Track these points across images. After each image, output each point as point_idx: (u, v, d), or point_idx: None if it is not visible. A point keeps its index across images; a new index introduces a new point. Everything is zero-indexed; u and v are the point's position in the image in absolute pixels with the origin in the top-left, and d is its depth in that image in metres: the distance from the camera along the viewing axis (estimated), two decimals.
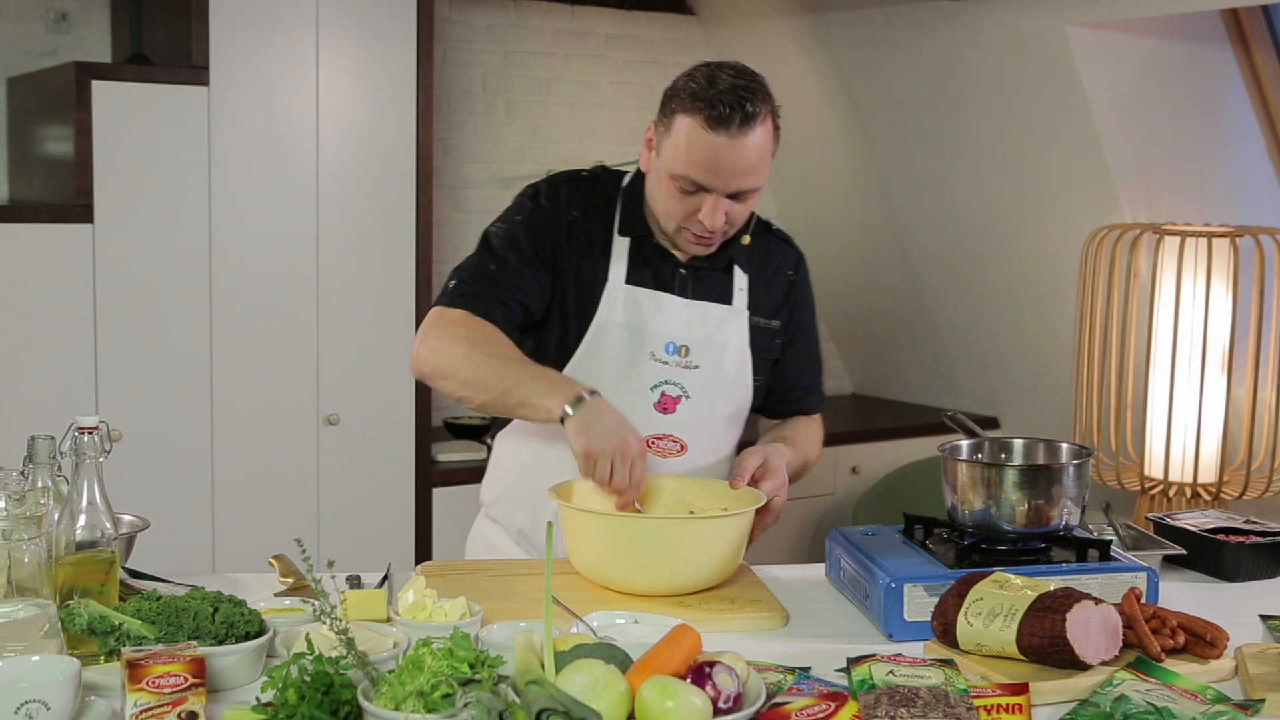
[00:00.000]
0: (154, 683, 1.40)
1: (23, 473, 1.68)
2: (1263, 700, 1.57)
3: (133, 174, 3.51)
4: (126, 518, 1.96)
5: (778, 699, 1.52)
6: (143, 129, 3.51)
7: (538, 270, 2.12)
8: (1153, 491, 3.86)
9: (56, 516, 1.66)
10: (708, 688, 1.40)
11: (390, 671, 1.41)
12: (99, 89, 3.45)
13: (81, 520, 1.66)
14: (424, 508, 3.96)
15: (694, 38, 4.91)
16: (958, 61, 4.19)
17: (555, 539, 1.73)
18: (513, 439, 2.27)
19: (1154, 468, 3.88)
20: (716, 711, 1.40)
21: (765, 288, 2.25)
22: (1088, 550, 1.91)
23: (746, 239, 2.20)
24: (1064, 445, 2.04)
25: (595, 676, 1.38)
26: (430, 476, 3.97)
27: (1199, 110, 4.15)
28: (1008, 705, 1.51)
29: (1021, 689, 1.55)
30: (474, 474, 4.03)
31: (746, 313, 2.22)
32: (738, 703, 1.43)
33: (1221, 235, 3.70)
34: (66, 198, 3.49)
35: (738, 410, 2.24)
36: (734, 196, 2.05)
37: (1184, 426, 3.79)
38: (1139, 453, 3.94)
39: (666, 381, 2.15)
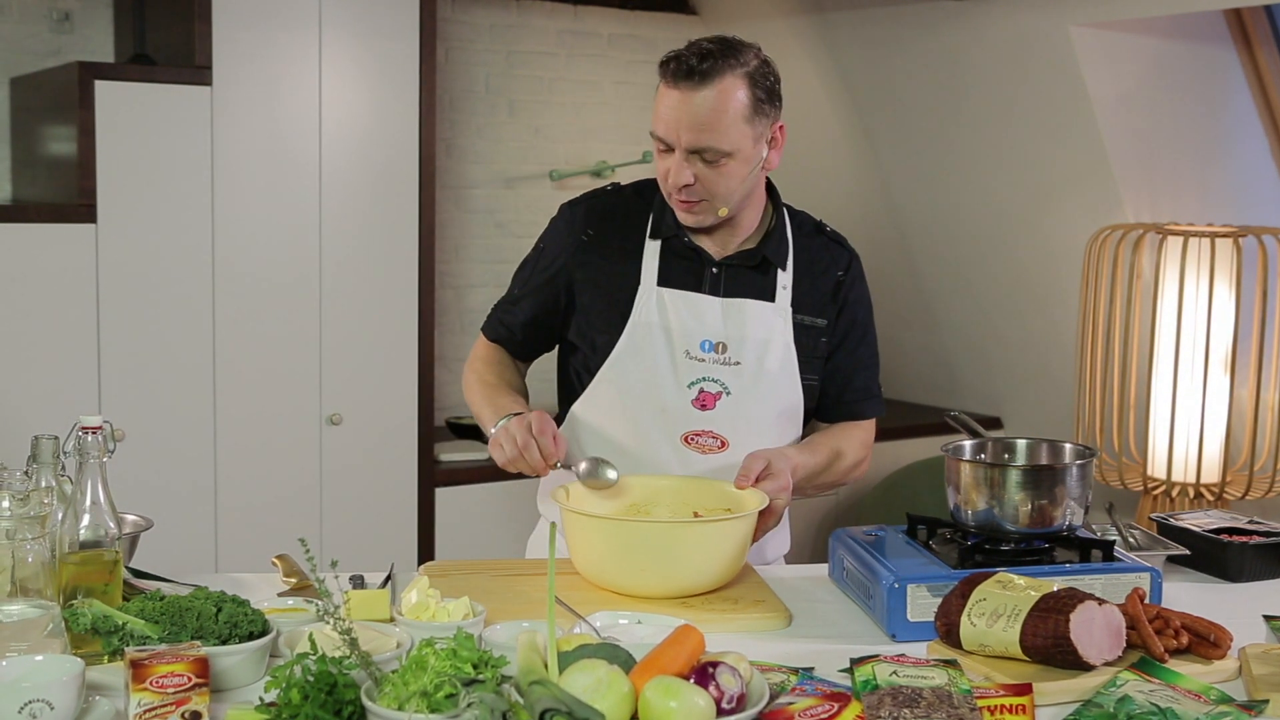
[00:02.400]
0: (158, 682, 1.40)
1: (26, 472, 1.68)
2: (1266, 701, 1.57)
3: (136, 174, 3.51)
4: (130, 517, 1.96)
5: (781, 699, 1.52)
6: (146, 129, 3.51)
7: (544, 294, 2.28)
8: (1155, 492, 3.86)
9: (60, 516, 1.67)
10: (711, 688, 1.40)
11: (394, 672, 1.41)
12: (102, 89, 3.45)
13: (85, 520, 1.66)
14: (427, 508, 3.97)
15: (697, 37, 4.91)
16: (960, 61, 4.19)
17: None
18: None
19: (1157, 468, 3.88)
20: (720, 712, 1.40)
21: (810, 286, 2.26)
22: (1091, 550, 1.91)
23: (724, 211, 2.17)
24: (1067, 445, 2.04)
25: (598, 677, 1.38)
26: (433, 476, 3.97)
27: (1202, 110, 4.14)
28: (1011, 706, 1.51)
29: (1025, 689, 1.55)
30: (477, 474, 4.07)
31: (790, 310, 2.23)
32: (741, 703, 1.43)
33: (1224, 235, 3.70)
34: (69, 198, 3.49)
35: (789, 409, 2.25)
36: (700, 157, 2.09)
37: (1187, 427, 3.79)
38: (1142, 453, 3.94)
39: (704, 378, 2.18)
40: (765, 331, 2.20)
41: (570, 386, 2.29)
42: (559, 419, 2.30)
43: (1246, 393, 3.76)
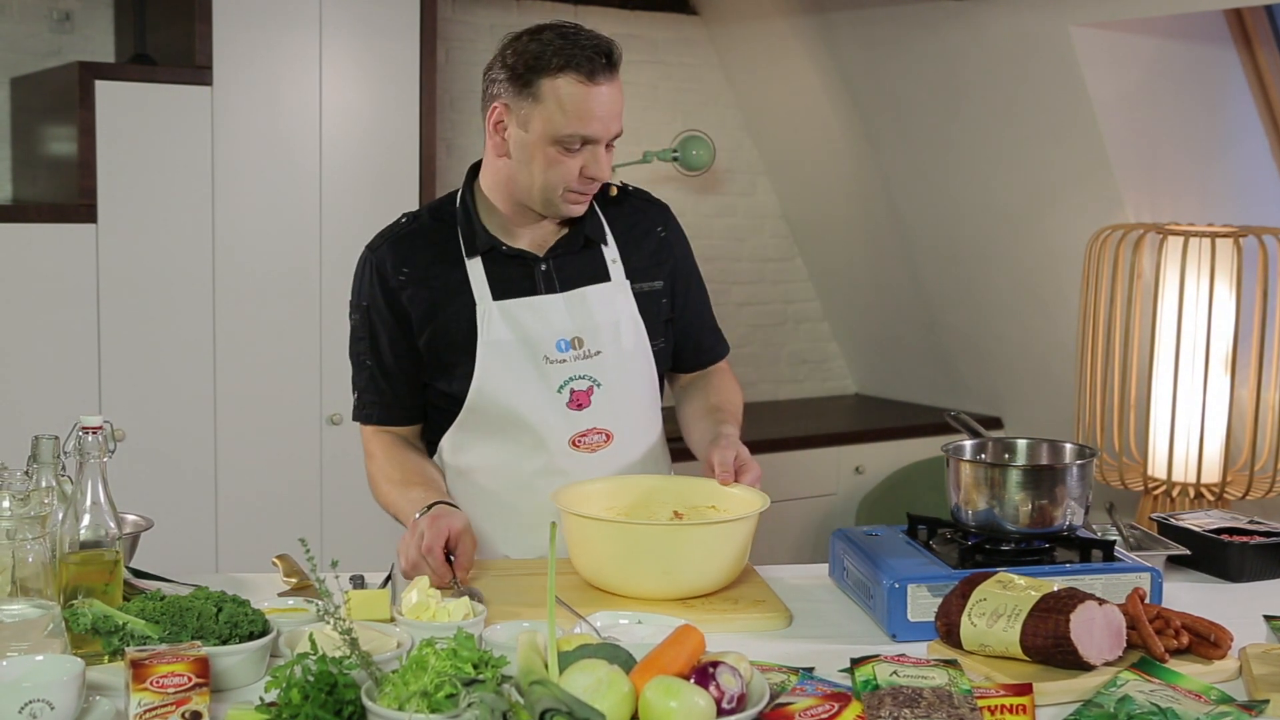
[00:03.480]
0: (158, 682, 1.40)
1: (27, 472, 1.68)
2: (1267, 701, 1.57)
3: (136, 174, 3.51)
4: (130, 517, 1.96)
5: (781, 699, 1.52)
6: (146, 129, 3.51)
7: (396, 350, 2.18)
8: (1156, 492, 3.85)
9: (60, 516, 1.67)
10: (711, 688, 1.40)
11: (394, 672, 1.41)
12: (102, 89, 3.45)
13: (85, 520, 1.66)
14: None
15: (697, 37, 4.91)
16: (961, 61, 4.19)
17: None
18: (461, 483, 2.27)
19: (1157, 468, 3.88)
20: (720, 712, 1.40)
21: (637, 251, 2.24)
22: (1091, 550, 1.91)
23: (615, 190, 2.20)
24: (1067, 445, 2.04)
25: (599, 677, 1.38)
26: None
27: (1202, 110, 4.14)
28: (1011, 706, 1.51)
29: (1025, 689, 1.55)
30: None
31: (627, 283, 2.21)
32: (741, 703, 1.43)
33: (1225, 235, 3.70)
34: (70, 198, 3.49)
35: (650, 384, 2.24)
36: (608, 146, 2.09)
37: (1187, 427, 3.79)
38: (1142, 453, 3.94)
39: (571, 378, 2.14)
40: (612, 313, 2.18)
41: (438, 424, 2.23)
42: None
43: (1247, 393, 3.76)
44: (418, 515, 2.02)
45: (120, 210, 3.50)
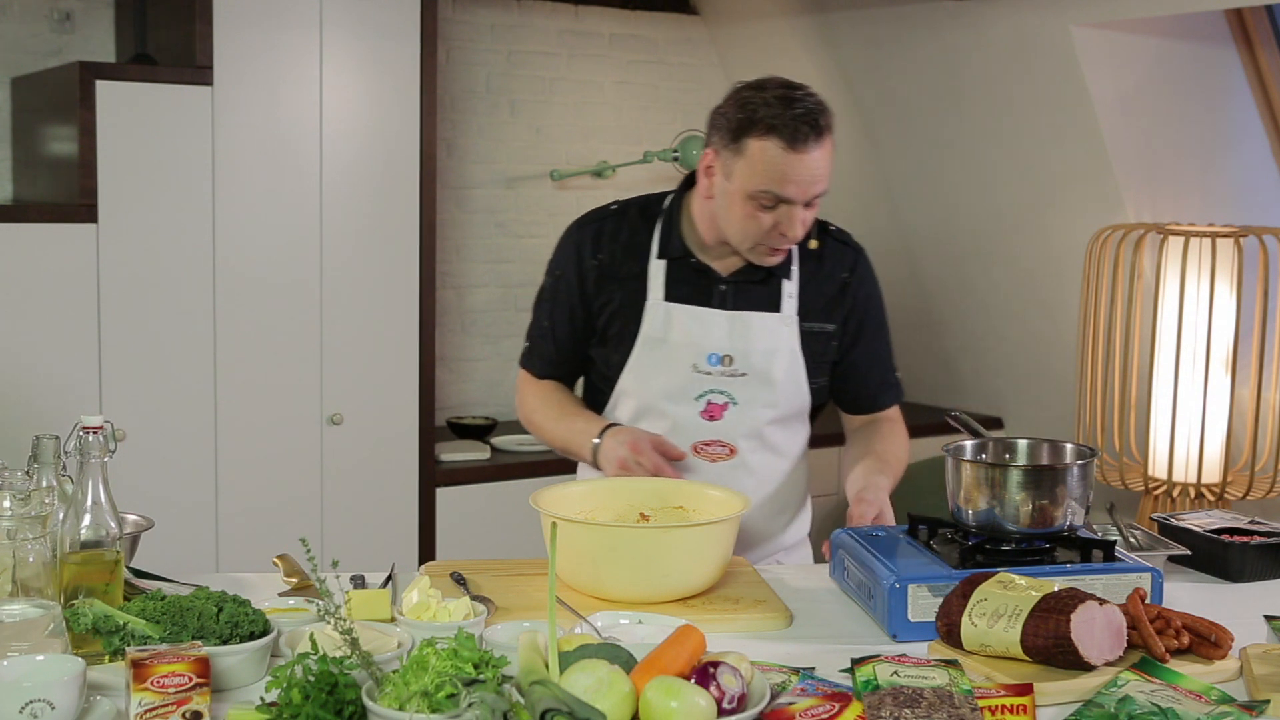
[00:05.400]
0: (159, 682, 1.40)
1: (28, 472, 1.68)
2: (1267, 701, 1.57)
3: (137, 174, 3.51)
4: (131, 517, 1.96)
5: (782, 699, 1.52)
6: (147, 129, 3.51)
7: (574, 322, 2.35)
8: (1156, 492, 3.85)
9: (61, 516, 1.67)
10: (712, 688, 1.40)
11: (394, 672, 1.41)
12: (103, 89, 3.45)
13: (86, 520, 1.66)
14: (428, 507, 3.97)
15: (698, 37, 4.91)
16: (961, 61, 4.19)
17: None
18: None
19: (1158, 468, 3.88)
20: (721, 712, 1.40)
21: (817, 291, 2.31)
22: (1092, 551, 1.91)
23: (814, 243, 2.31)
24: (1068, 445, 2.04)
25: (599, 677, 1.38)
26: (434, 476, 3.97)
27: (1203, 110, 4.14)
28: (1012, 706, 1.51)
29: (1026, 690, 1.55)
30: (477, 474, 4.07)
31: (796, 319, 2.28)
32: (742, 703, 1.43)
33: (1225, 235, 3.70)
34: (71, 198, 3.49)
35: (796, 411, 2.33)
36: (807, 204, 2.15)
37: (1188, 427, 3.79)
38: (1143, 453, 3.94)
39: (712, 390, 2.25)
40: (771, 342, 2.26)
41: (595, 399, 2.38)
42: None
43: (1247, 392, 3.76)
44: (600, 434, 2.22)
45: (120, 210, 3.50)
